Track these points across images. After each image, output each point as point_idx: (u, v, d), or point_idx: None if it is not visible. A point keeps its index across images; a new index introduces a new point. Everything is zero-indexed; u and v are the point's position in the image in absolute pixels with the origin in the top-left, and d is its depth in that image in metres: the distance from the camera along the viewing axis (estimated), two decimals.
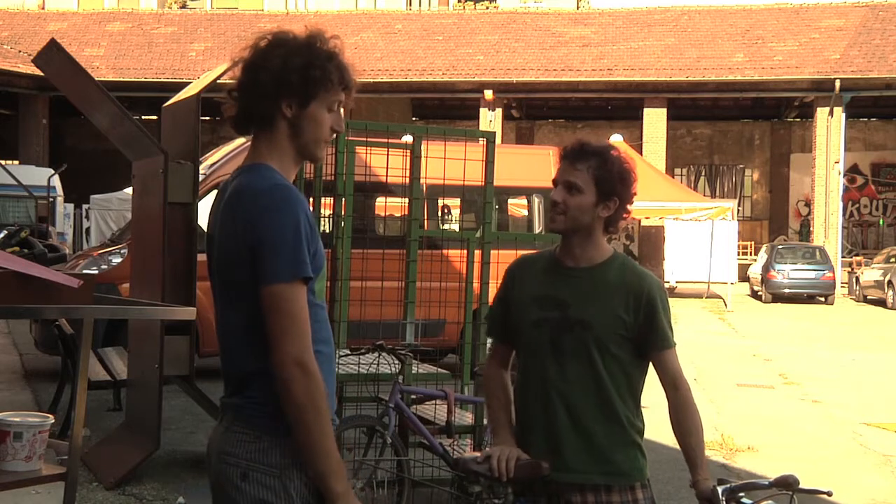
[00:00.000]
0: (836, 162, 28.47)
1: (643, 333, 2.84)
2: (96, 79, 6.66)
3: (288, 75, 2.24)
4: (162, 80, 27.92)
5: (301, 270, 2.17)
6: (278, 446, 2.22)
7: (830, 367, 13.36)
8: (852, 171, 34.93)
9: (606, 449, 2.82)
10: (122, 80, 27.82)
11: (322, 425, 2.16)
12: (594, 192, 2.83)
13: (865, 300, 25.38)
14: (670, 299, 3.19)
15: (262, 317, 2.18)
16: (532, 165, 11.72)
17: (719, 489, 2.72)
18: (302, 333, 2.16)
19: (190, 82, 7.80)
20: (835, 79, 27.60)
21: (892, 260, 24.25)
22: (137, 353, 6.77)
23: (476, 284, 6.29)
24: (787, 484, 2.70)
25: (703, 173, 37.17)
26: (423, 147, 6.31)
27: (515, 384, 2.99)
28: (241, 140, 10.38)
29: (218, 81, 6.13)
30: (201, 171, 8.06)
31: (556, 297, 2.87)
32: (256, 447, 2.22)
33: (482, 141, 6.60)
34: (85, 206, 23.43)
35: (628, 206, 2.90)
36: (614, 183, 2.84)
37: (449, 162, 6.31)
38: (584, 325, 2.82)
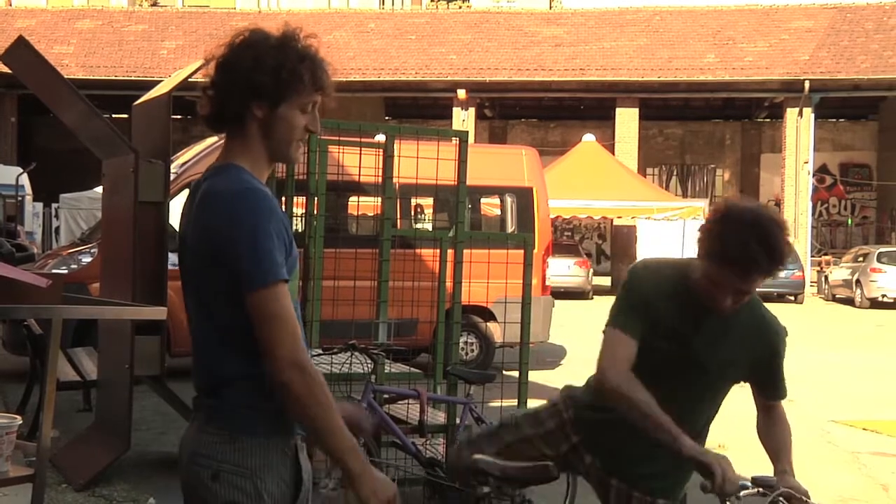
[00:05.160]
0: (806, 162, 28.76)
1: (761, 380, 2.92)
2: (66, 77, 6.60)
3: (258, 77, 2.21)
4: (132, 78, 27.73)
5: (276, 274, 2.16)
6: (251, 447, 2.21)
7: (799, 366, 13.44)
8: (821, 172, 35.25)
9: (672, 473, 2.90)
10: (91, 78, 27.61)
11: (328, 413, 2.16)
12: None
13: (834, 299, 25.66)
14: None
15: (247, 322, 2.16)
16: (505, 165, 11.74)
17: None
18: (291, 333, 2.15)
19: (161, 80, 7.74)
20: (804, 80, 27.90)
21: (860, 259, 24.54)
22: (107, 353, 6.71)
23: (449, 284, 6.29)
24: (768, 486, 2.73)
25: (675, 173, 37.37)
26: (395, 146, 6.30)
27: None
28: (212, 139, 10.32)
29: (190, 80, 6.09)
30: (172, 170, 8.00)
31: (680, 331, 2.82)
32: (229, 448, 2.21)
33: (455, 140, 6.60)
34: (55, 205, 23.21)
35: None
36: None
37: (422, 161, 6.30)
38: (702, 369, 2.84)
